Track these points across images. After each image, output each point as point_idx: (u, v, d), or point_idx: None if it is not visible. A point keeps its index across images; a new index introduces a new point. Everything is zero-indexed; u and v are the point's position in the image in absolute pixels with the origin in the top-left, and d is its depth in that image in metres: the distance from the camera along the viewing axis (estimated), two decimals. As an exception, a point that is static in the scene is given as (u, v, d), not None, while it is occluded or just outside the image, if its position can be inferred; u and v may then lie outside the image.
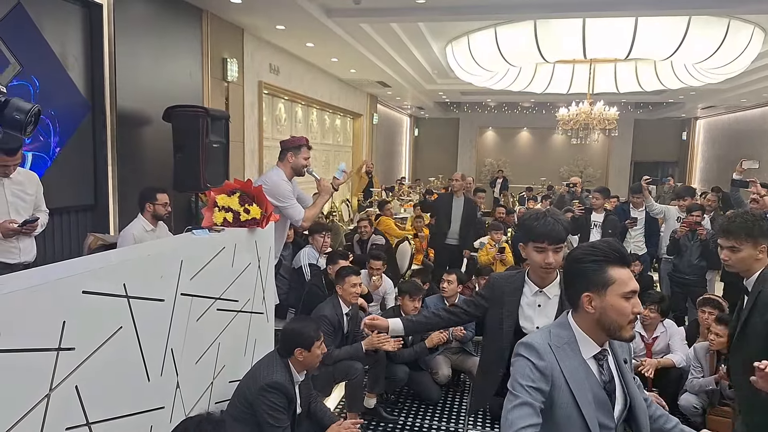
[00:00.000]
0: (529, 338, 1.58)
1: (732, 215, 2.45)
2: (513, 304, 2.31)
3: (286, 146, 3.84)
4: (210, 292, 2.60)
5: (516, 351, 1.56)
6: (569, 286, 1.63)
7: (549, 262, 2.20)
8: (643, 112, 16.43)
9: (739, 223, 2.35)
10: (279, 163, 3.86)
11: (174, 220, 4.64)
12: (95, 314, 1.84)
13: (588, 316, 1.56)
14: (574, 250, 1.65)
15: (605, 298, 1.52)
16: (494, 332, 2.37)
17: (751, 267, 2.36)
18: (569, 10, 6.04)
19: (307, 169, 3.84)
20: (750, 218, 2.37)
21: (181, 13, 5.43)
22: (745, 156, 10.45)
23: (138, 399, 2.09)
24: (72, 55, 4.20)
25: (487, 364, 2.45)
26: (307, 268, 4.63)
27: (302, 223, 3.81)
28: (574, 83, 9.30)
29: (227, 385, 2.80)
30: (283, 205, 3.68)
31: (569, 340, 1.57)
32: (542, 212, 2.25)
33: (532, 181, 15.88)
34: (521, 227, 2.32)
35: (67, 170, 4.18)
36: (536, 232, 2.19)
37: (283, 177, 3.76)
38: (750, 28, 6.65)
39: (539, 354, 1.52)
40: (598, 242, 1.61)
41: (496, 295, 2.38)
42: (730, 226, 2.37)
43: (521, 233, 2.32)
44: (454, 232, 6.21)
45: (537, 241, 2.19)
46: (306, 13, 5.79)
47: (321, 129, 10.36)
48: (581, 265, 1.57)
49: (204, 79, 5.82)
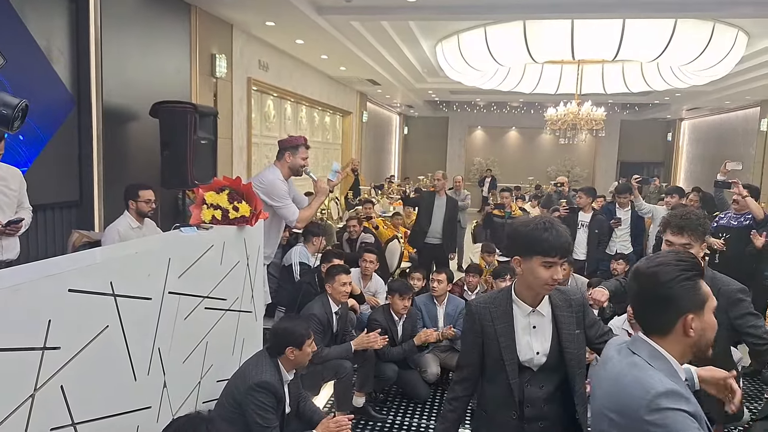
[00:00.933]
0: (658, 383, 1.25)
1: (683, 213, 2.43)
2: (508, 331, 1.95)
3: (284, 146, 3.82)
4: (198, 290, 2.57)
5: (658, 404, 1.22)
6: (657, 310, 1.36)
7: (558, 279, 1.89)
8: (630, 113, 16.60)
9: (693, 221, 2.37)
10: (276, 162, 3.84)
11: (161, 217, 4.59)
12: (81, 313, 1.81)
13: (686, 341, 1.33)
14: (651, 267, 1.38)
15: (704, 317, 1.33)
16: (495, 368, 1.98)
17: None
18: (558, 12, 6.07)
19: (304, 169, 3.82)
20: (700, 216, 2.42)
21: (170, 7, 5.37)
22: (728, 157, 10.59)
23: (124, 399, 2.06)
24: (57, 49, 4.13)
25: (493, 406, 2.01)
26: (297, 267, 4.61)
27: (296, 224, 3.80)
28: (562, 84, 9.37)
29: (215, 384, 2.78)
30: (277, 204, 3.65)
31: (674, 374, 1.32)
32: (547, 221, 1.89)
33: (520, 181, 15.97)
34: (521, 238, 1.89)
35: (52, 166, 4.11)
36: (546, 245, 1.84)
37: (279, 176, 3.73)
38: (734, 32, 6.75)
39: (687, 400, 1.25)
40: (679, 255, 1.39)
41: (484, 324, 1.98)
42: (686, 223, 2.36)
43: (520, 245, 1.91)
44: (435, 231, 6.22)
45: (547, 255, 1.84)
46: (296, 10, 5.76)
47: (310, 126, 10.32)
48: (678, 284, 1.32)
49: (192, 75, 5.76)
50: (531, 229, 1.87)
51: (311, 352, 2.70)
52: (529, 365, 1.94)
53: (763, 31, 6.83)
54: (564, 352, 1.93)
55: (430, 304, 4.36)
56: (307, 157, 3.85)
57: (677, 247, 2.36)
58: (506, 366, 1.93)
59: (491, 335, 1.96)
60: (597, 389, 1.47)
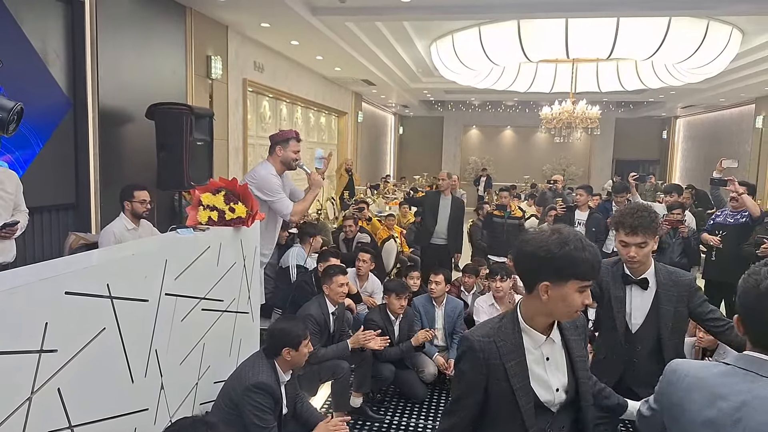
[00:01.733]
0: None
1: (634, 210, 2.39)
2: (521, 369, 1.59)
3: (275, 140, 3.82)
4: (195, 292, 2.58)
5: None
6: None
7: (589, 303, 1.58)
8: (625, 111, 16.65)
9: (647, 218, 2.36)
10: (269, 157, 3.84)
11: (157, 218, 4.59)
12: (78, 315, 1.81)
13: None
14: None
15: None
16: (503, 415, 1.62)
17: (647, 262, 2.42)
18: (552, 11, 6.10)
19: (297, 163, 3.81)
20: (651, 213, 2.41)
21: (165, 10, 5.37)
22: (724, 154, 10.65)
23: (122, 401, 2.06)
24: (53, 51, 4.13)
25: None
26: (294, 269, 4.61)
27: (291, 217, 3.78)
28: (556, 82, 9.40)
29: (212, 386, 2.78)
30: (270, 199, 3.65)
31: None
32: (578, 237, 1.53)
33: (515, 179, 15.98)
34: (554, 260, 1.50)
35: (48, 168, 4.11)
36: (585, 267, 1.50)
37: (271, 171, 3.72)
38: (728, 29, 6.78)
39: None
40: None
41: (490, 363, 1.59)
42: (639, 222, 2.33)
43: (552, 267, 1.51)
44: (441, 231, 6.18)
45: (585, 279, 1.52)
46: (291, 11, 5.76)
47: (306, 127, 10.32)
48: None
49: (188, 77, 5.76)
50: (569, 250, 1.50)
51: (308, 353, 2.70)
52: (549, 406, 1.63)
53: (757, 28, 6.86)
54: (579, 383, 1.66)
55: (429, 306, 4.37)
56: (298, 151, 3.82)
57: (633, 248, 2.33)
58: (522, 412, 1.58)
59: (500, 375, 1.59)
60: None
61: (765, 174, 10.81)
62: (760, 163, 11.10)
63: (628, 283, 2.46)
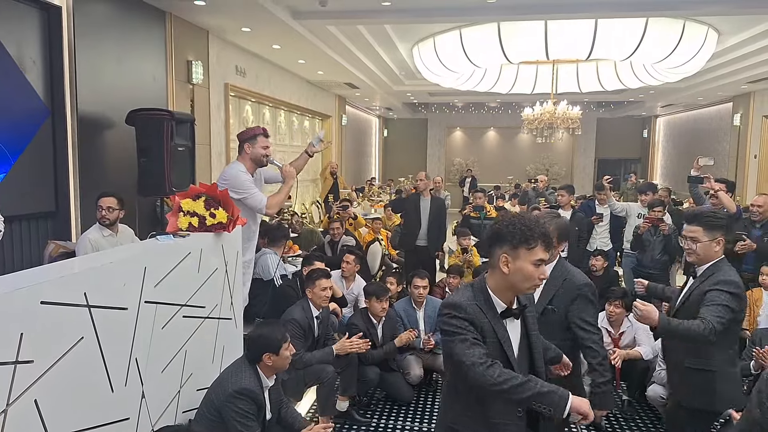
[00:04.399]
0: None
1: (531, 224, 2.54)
2: (503, 330, 1.86)
3: (242, 138, 3.80)
4: (175, 299, 2.56)
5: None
6: None
7: (545, 276, 1.87)
8: (606, 111, 16.83)
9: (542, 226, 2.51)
10: (239, 156, 3.82)
11: (139, 225, 4.55)
12: (55, 325, 1.80)
13: None
14: None
15: None
16: None
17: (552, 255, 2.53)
18: (530, 13, 6.14)
19: (268, 158, 3.77)
20: (538, 220, 2.55)
21: (144, 15, 5.33)
22: (703, 152, 10.83)
23: (102, 411, 2.05)
24: (29, 58, 4.08)
25: (494, 412, 1.85)
26: (279, 281, 4.57)
27: (267, 211, 3.70)
28: (537, 84, 9.48)
29: (195, 393, 2.77)
30: (242, 195, 3.58)
31: None
32: (531, 216, 1.94)
33: (499, 180, 16.10)
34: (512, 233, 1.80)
35: (27, 176, 4.05)
36: (533, 238, 1.79)
37: (241, 169, 3.69)
38: (704, 29, 6.89)
39: None
40: None
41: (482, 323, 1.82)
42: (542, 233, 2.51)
43: (510, 239, 1.80)
44: (424, 233, 6.17)
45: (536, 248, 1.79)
46: (272, 15, 5.75)
47: (289, 131, 10.29)
48: None
49: (168, 82, 5.72)
50: (523, 222, 1.82)
51: (290, 356, 2.69)
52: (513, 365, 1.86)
53: (732, 27, 6.99)
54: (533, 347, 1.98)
55: (410, 309, 4.37)
56: (267, 146, 3.77)
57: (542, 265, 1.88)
58: (511, 362, 1.82)
59: (490, 333, 1.82)
60: None
61: (743, 171, 11.01)
62: (738, 160, 11.30)
63: None
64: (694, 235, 2.60)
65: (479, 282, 1.91)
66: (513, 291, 1.87)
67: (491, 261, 1.88)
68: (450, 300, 1.90)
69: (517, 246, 1.79)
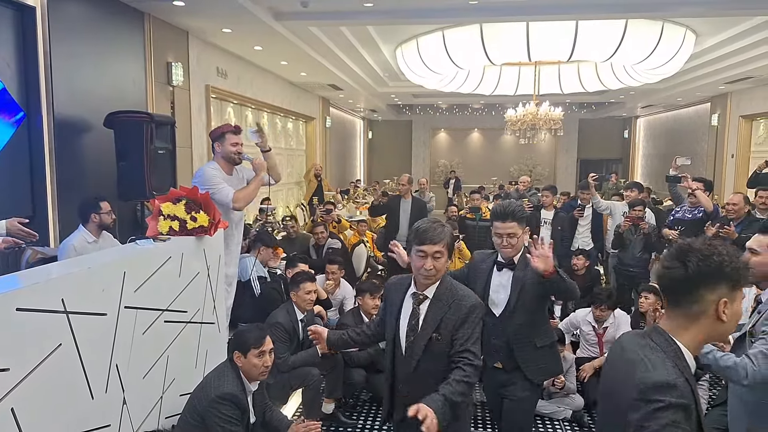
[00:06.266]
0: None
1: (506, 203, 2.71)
2: None
3: (212, 137, 3.80)
4: (156, 303, 2.52)
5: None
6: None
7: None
8: (587, 112, 17.02)
9: (516, 208, 2.65)
10: (213, 156, 3.82)
11: (119, 230, 4.48)
12: (31, 332, 1.76)
13: None
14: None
15: None
16: None
17: (521, 249, 2.71)
18: (512, 14, 6.18)
19: (240, 155, 3.72)
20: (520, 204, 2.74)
21: (122, 16, 5.25)
22: (682, 152, 11.00)
23: (82, 418, 2.00)
24: (2, 59, 3.99)
25: None
26: (256, 282, 4.50)
27: (234, 205, 3.59)
28: (520, 85, 9.55)
29: (178, 399, 2.73)
30: (210, 190, 3.39)
31: None
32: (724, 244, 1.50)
33: (484, 181, 16.15)
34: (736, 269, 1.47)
35: (1, 181, 3.96)
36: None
37: (212, 166, 3.67)
38: (682, 31, 7.01)
39: None
40: None
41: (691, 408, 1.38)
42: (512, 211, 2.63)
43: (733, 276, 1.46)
44: (403, 235, 6.17)
45: None
46: (253, 16, 5.71)
47: (273, 133, 10.22)
48: None
49: (148, 84, 5.64)
50: None
51: (261, 365, 2.54)
52: None
53: (709, 29, 7.11)
54: None
55: None
56: (237, 143, 3.70)
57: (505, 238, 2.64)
58: None
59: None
60: None
61: (721, 170, 11.20)
62: (716, 159, 11.49)
63: None
64: None
65: (662, 340, 1.41)
66: (708, 342, 1.55)
67: (690, 308, 1.39)
68: (653, 377, 1.32)
69: (735, 286, 1.39)
